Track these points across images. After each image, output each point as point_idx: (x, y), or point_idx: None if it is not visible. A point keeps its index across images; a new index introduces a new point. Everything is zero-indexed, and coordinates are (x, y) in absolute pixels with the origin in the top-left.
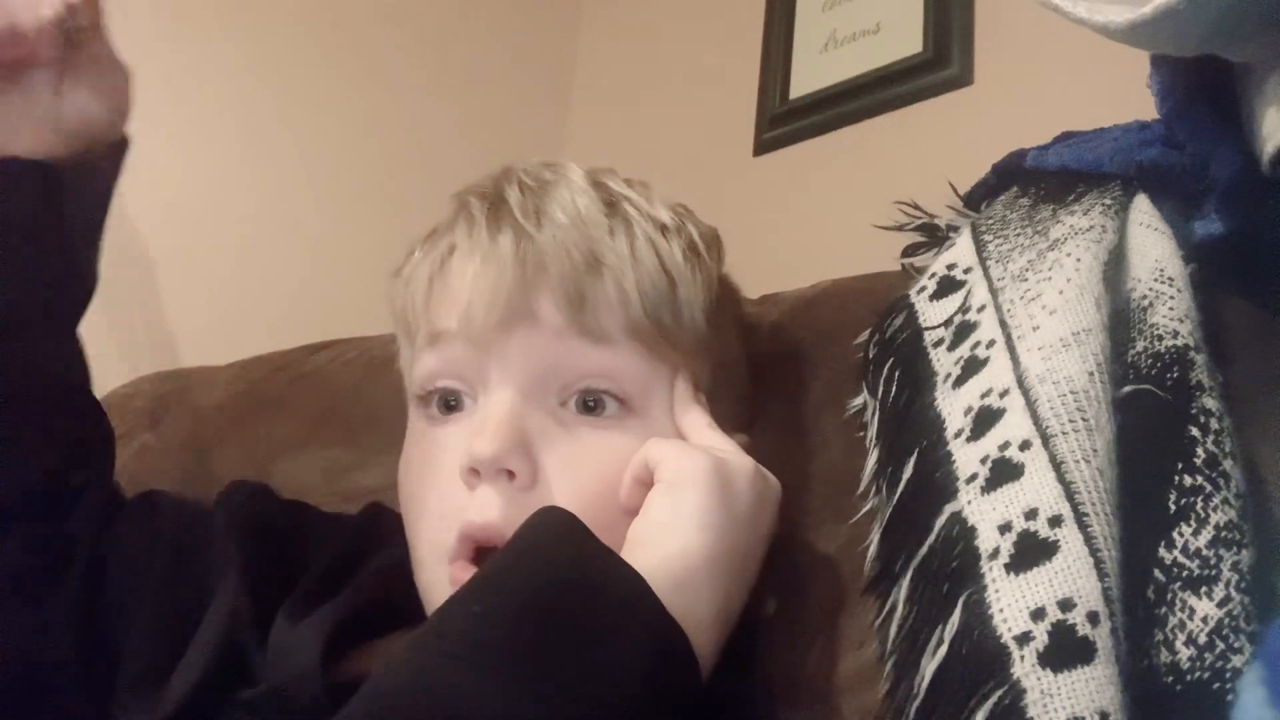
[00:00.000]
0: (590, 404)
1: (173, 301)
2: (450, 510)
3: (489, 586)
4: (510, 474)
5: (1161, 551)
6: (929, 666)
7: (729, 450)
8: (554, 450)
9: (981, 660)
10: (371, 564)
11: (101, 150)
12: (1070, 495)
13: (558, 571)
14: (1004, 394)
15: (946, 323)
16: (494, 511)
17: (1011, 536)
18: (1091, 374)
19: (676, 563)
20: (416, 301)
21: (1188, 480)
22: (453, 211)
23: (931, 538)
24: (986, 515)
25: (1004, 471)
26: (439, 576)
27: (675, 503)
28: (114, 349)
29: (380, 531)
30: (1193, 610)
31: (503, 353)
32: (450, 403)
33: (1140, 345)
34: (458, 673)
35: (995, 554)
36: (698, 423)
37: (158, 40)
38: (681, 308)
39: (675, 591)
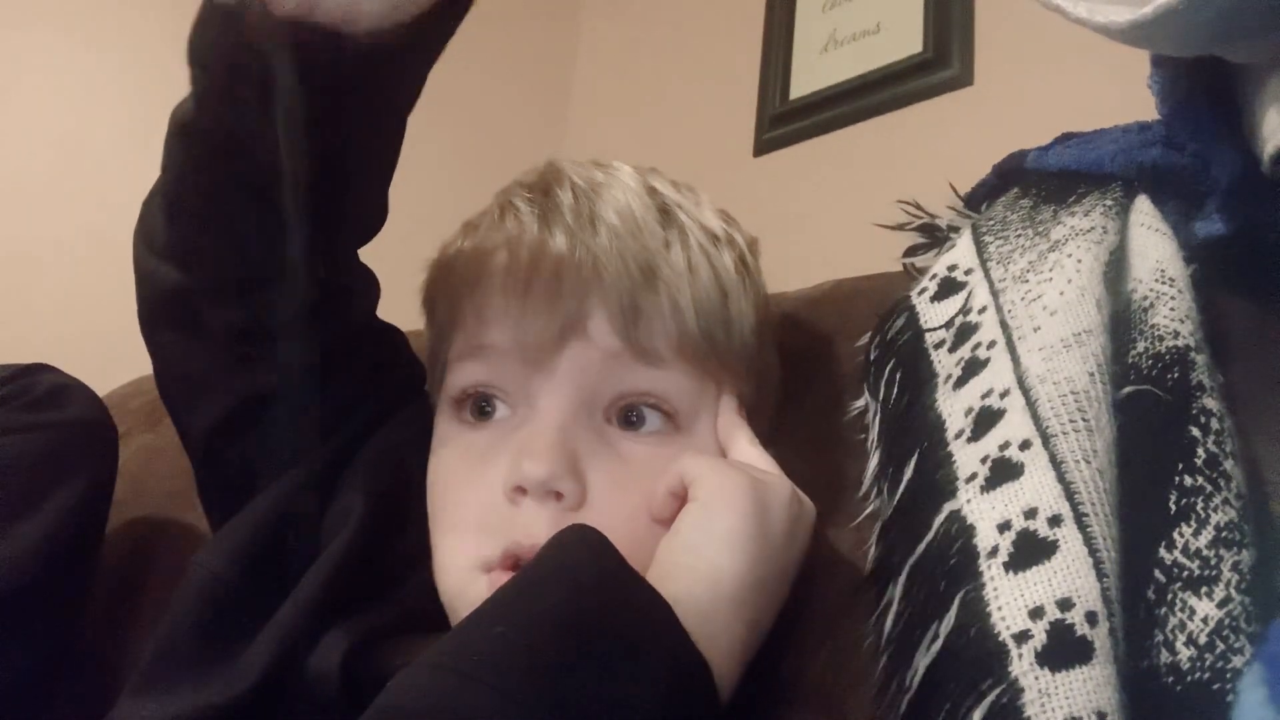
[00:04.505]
0: (632, 418)
1: None
2: (493, 527)
3: (513, 606)
4: (558, 494)
5: (1162, 552)
6: (922, 662)
7: (768, 471)
8: (601, 470)
9: (979, 658)
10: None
11: None
12: (1070, 495)
13: (583, 595)
14: (1004, 394)
15: (948, 324)
16: (541, 533)
17: (1010, 535)
18: (1092, 374)
19: (705, 587)
20: (458, 300)
21: (1188, 480)
22: (497, 209)
23: (930, 535)
24: (985, 514)
25: (1004, 471)
26: (475, 586)
27: (708, 522)
28: (114, 349)
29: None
30: (1193, 611)
31: (552, 368)
32: (484, 408)
33: (1141, 346)
34: (478, 695)
35: (994, 552)
36: (740, 439)
37: (161, 43)
38: (733, 324)
39: (702, 618)
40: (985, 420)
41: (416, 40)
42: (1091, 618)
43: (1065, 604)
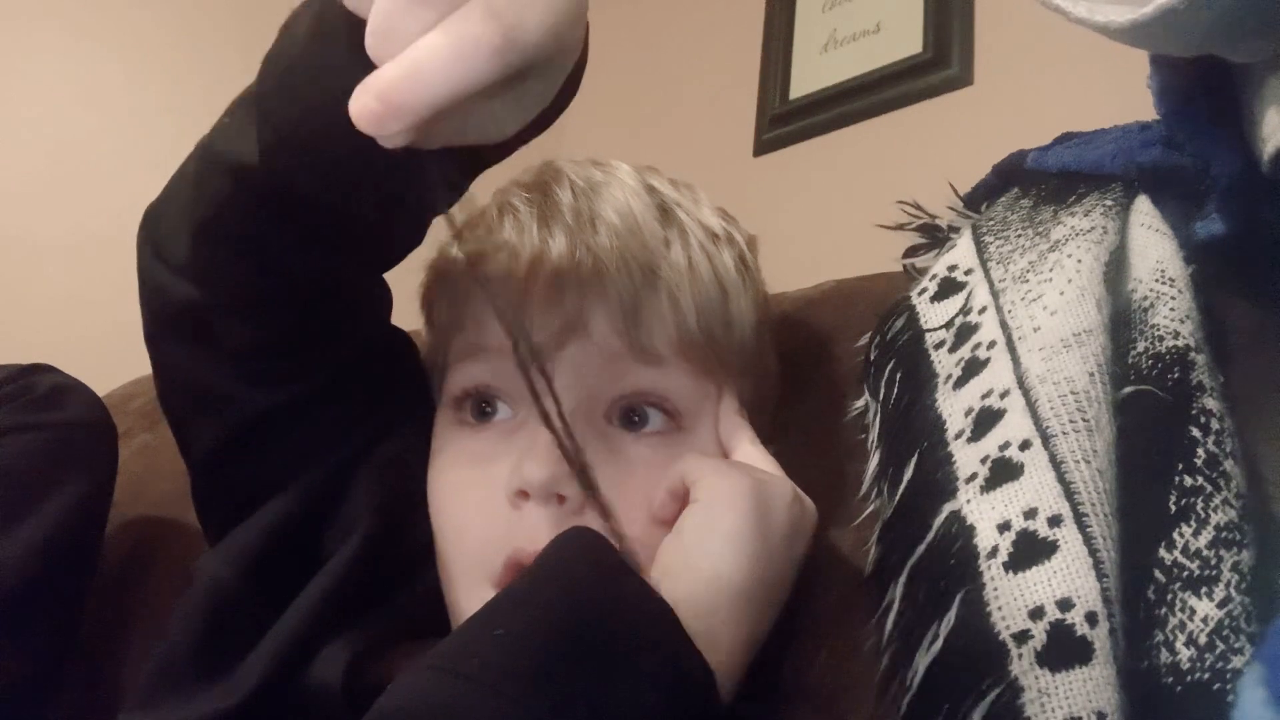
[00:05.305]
0: (634, 418)
1: None
2: (496, 534)
3: (513, 609)
4: (560, 497)
5: (1162, 552)
6: (923, 661)
7: (770, 472)
8: (603, 471)
9: (979, 657)
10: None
11: None
12: (1070, 495)
13: (583, 597)
14: (1004, 395)
15: (948, 324)
16: (544, 537)
17: (1010, 535)
18: (1092, 375)
19: (706, 588)
20: (457, 302)
21: (1188, 480)
22: (495, 209)
23: (930, 536)
24: (985, 514)
25: (1004, 471)
26: (482, 598)
27: (710, 524)
28: (114, 349)
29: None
30: (1193, 611)
31: (552, 370)
32: (485, 408)
33: (1141, 346)
34: (478, 697)
35: (994, 552)
36: (742, 439)
37: (162, 43)
38: (733, 323)
39: (703, 619)
40: (985, 420)
41: (524, 136)
42: (1091, 618)
43: (1065, 604)
